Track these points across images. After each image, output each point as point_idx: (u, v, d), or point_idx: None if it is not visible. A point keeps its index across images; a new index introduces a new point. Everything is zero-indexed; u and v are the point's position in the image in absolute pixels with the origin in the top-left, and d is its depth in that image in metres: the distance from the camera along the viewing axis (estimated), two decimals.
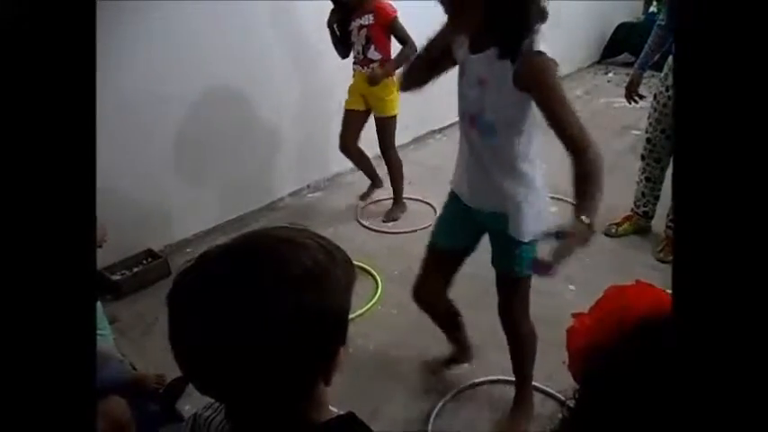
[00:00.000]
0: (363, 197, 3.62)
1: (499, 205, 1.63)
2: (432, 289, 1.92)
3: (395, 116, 3.24)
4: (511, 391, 2.02)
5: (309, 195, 3.90)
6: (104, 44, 1.98)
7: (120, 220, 2.83)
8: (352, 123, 3.31)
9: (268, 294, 0.60)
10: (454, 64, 1.65)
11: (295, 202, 3.81)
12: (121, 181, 2.82)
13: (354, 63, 3.18)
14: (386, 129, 3.28)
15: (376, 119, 3.26)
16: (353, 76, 3.24)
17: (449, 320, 2.07)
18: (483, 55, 1.49)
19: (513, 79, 1.43)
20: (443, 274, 1.91)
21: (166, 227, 3.18)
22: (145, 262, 2.98)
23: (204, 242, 3.24)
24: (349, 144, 3.36)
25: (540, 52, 1.41)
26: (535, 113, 1.51)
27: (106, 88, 2.41)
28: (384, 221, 3.45)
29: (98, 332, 1.99)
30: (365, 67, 3.10)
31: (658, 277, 2.64)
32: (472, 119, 1.58)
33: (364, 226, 3.39)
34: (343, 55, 3.16)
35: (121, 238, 2.87)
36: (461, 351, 2.19)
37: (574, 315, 0.67)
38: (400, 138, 4.28)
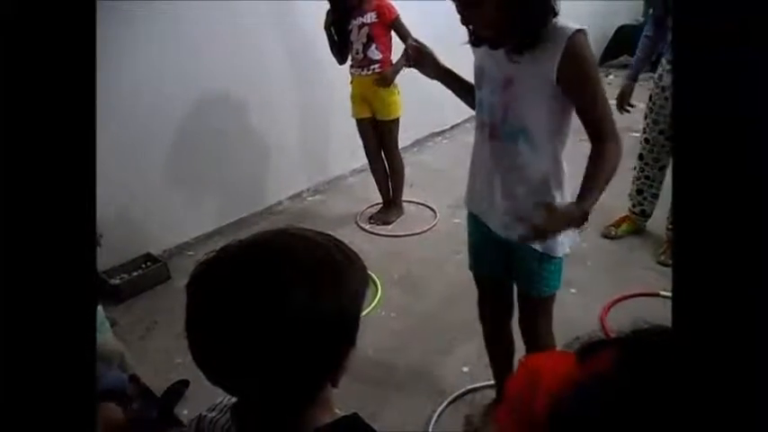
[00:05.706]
0: (375, 220, 3.48)
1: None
2: (492, 315, 1.83)
3: (398, 118, 3.21)
4: None
5: (309, 198, 3.90)
6: (104, 47, 1.97)
7: (119, 224, 2.83)
8: (367, 133, 3.29)
9: (283, 287, 0.61)
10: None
11: (294, 205, 3.80)
12: (121, 185, 2.81)
13: (352, 67, 3.12)
14: (389, 131, 3.24)
15: (379, 122, 3.22)
16: (351, 81, 3.18)
17: (503, 353, 1.88)
18: (505, 51, 1.34)
19: (557, 66, 1.27)
20: (497, 300, 1.78)
21: (165, 231, 3.17)
22: (144, 266, 2.97)
23: (204, 246, 3.23)
24: (374, 154, 3.35)
25: (580, 30, 1.27)
26: (569, 120, 1.39)
27: (104, 92, 2.41)
28: (373, 222, 3.42)
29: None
30: (365, 69, 3.06)
31: (658, 280, 2.63)
32: (493, 128, 1.42)
33: (364, 229, 3.38)
34: (341, 60, 3.10)
35: (120, 242, 2.87)
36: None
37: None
38: (401, 140, 4.30)
